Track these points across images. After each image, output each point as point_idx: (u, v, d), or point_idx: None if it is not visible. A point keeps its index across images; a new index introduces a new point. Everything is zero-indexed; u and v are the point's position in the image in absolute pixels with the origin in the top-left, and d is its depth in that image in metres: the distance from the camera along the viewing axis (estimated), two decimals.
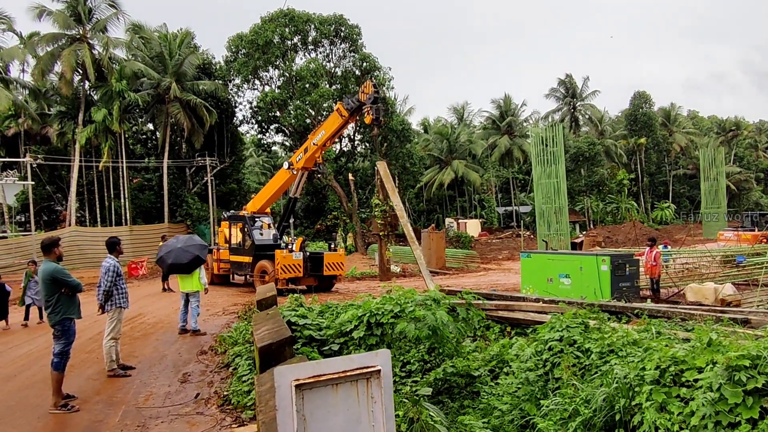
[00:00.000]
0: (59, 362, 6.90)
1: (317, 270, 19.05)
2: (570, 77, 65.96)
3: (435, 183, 55.30)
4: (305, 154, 19.71)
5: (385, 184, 17.76)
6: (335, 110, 19.37)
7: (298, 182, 20.17)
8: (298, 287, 18.08)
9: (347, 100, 18.80)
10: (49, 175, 37.96)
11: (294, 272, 18.33)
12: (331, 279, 19.89)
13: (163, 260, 11.39)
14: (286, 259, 18.17)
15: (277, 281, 17.95)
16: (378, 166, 18.41)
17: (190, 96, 36.90)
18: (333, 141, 20.41)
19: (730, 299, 13.67)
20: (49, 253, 6.98)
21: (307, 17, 40.80)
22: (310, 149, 19.60)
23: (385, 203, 18.35)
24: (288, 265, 18.19)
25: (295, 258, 18.35)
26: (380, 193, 18.21)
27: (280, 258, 18.09)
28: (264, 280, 18.90)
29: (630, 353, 5.77)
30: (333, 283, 20.16)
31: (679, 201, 69.80)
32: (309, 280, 18.91)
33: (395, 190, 18.14)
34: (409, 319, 7.52)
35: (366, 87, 18.09)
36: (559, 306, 9.39)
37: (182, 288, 11.49)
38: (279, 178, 21.05)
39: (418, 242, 19.74)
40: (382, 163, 18.63)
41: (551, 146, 33.97)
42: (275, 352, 5.67)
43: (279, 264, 18.06)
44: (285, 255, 18.20)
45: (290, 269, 18.25)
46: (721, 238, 32.58)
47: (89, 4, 33.73)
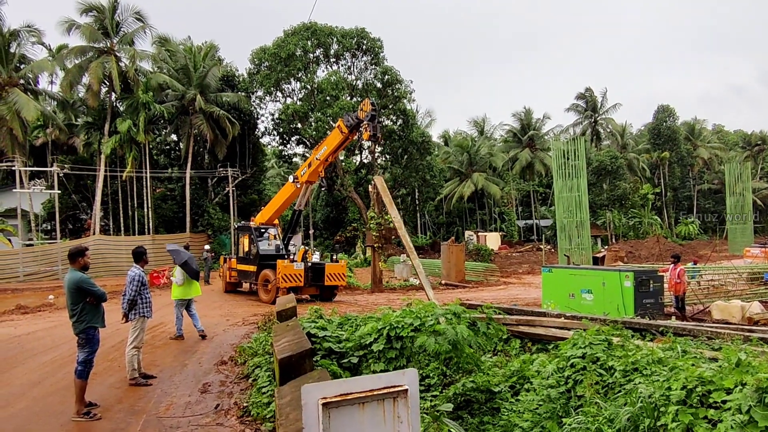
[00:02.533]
0: (83, 370, 6.98)
1: (318, 280, 19.44)
2: (590, 91, 65.61)
3: (455, 195, 55.16)
4: (309, 168, 20.23)
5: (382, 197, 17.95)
6: (336, 126, 19.82)
7: (303, 195, 20.66)
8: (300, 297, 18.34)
9: (347, 117, 19.21)
10: (75, 184, 38.74)
11: (295, 282, 18.70)
12: (332, 289, 20.26)
13: (188, 264, 11.70)
14: (287, 269, 18.59)
15: (278, 290, 18.53)
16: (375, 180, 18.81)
17: (213, 108, 37.46)
18: (335, 156, 21.07)
19: (757, 318, 13.35)
20: (75, 262, 7.09)
21: (329, 30, 41.25)
22: (313, 164, 20.10)
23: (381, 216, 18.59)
24: (289, 274, 18.59)
25: (296, 268, 18.75)
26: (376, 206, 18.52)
27: (281, 267, 18.52)
28: (267, 288, 19.51)
29: (655, 372, 5.66)
30: (334, 294, 20.54)
31: (704, 216, 68.61)
32: (310, 290, 19.43)
33: (392, 203, 18.39)
34: (429, 333, 7.47)
35: (365, 105, 18.45)
36: (582, 322, 9.25)
37: (187, 295, 11.82)
38: (285, 191, 21.68)
39: (437, 255, 19.78)
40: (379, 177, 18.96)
41: (573, 159, 33.70)
42: (295, 364, 5.68)
43: (280, 273, 18.49)
44: (286, 265, 18.64)
45: (291, 279, 18.63)
46: (748, 255, 31.89)
47: (117, 18, 34.56)
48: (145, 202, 37.65)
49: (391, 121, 44.01)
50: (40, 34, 34.74)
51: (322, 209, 51.46)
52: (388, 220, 18.61)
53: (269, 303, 18.92)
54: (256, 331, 12.46)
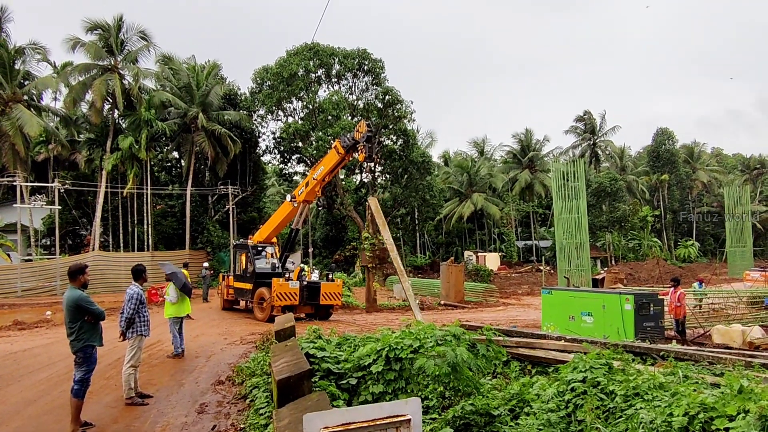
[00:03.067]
0: (79, 389, 6.92)
1: (314, 299, 19.45)
2: (589, 113, 66.08)
3: (455, 215, 55.20)
4: (306, 188, 20.34)
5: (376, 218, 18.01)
6: (333, 147, 19.96)
7: (300, 214, 20.78)
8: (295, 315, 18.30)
9: (343, 138, 19.37)
10: (76, 200, 38.79)
11: (290, 300, 18.71)
12: (327, 308, 20.23)
13: (176, 276, 11.65)
14: (282, 287, 18.61)
15: (272, 308, 18.59)
16: (369, 201, 18.90)
17: (215, 126, 37.67)
18: (332, 176, 21.22)
19: (758, 342, 13.29)
20: (75, 280, 7.07)
21: (331, 51, 41.66)
22: (310, 183, 20.20)
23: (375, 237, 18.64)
24: (284, 293, 18.61)
25: (291, 286, 18.77)
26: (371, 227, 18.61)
27: (276, 286, 18.55)
28: (262, 306, 19.53)
29: (656, 397, 5.62)
30: (330, 313, 20.49)
31: (703, 239, 68.62)
32: (306, 308, 19.41)
33: (386, 225, 18.48)
34: (428, 355, 7.42)
35: (360, 126, 18.59)
36: (582, 345, 9.20)
37: (179, 313, 11.86)
38: (283, 210, 21.78)
39: (436, 275, 19.77)
40: (373, 198, 19.06)
41: (572, 181, 33.80)
42: (294, 385, 5.64)
43: (275, 291, 18.52)
44: (281, 283, 18.67)
45: (286, 297, 18.65)
46: (748, 278, 31.81)
47: (122, 36, 34.93)
48: (145, 218, 37.66)
49: (391, 140, 44.23)
50: (46, 52, 35.09)
51: (322, 228, 51.45)
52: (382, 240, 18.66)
53: (264, 321, 18.95)
54: (254, 350, 12.37)
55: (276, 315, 18.42)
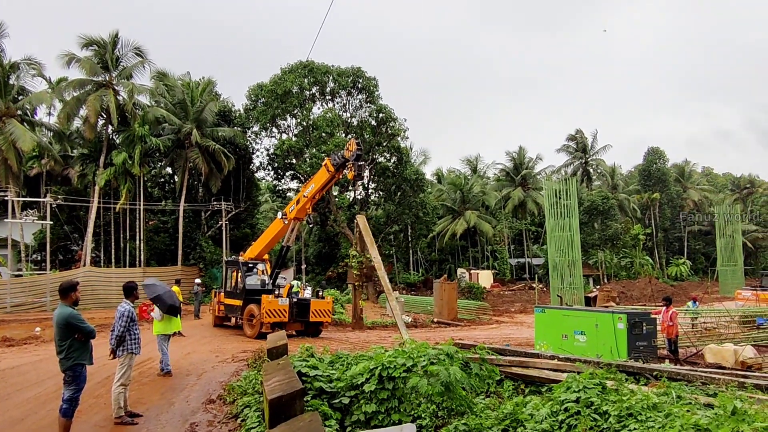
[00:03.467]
0: (68, 408, 6.83)
1: (303, 316, 19.44)
2: (581, 132, 66.66)
3: (448, 233, 55.28)
4: (297, 205, 20.38)
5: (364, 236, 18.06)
6: (323, 165, 20.03)
7: (291, 232, 20.83)
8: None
9: (334, 156, 19.50)
10: (68, 215, 38.57)
11: (279, 317, 18.71)
12: (317, 325, 20.20)
13: (161, 299, 11.20)
14: (272, 304, 18.63)
15: (261, 325, 18.64)
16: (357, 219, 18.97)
17: (209, 142, 37.71)
18: (322, 194, 21.28)
19: (750, 362, 13.31)
20: (66, 297, 7.01)
21: (325, 69, 41.95)
22: (301, 201, 20.25)
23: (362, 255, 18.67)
24: (273, 309, 18.62)
25: (280, 303, 18.80)
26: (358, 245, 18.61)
27: (266, 303, 18.59)
28: (252, 323, 19.50)
29: (650, 418, 5.61)
30: (320, 330, 20.46)
31: (695, 257, 68.95)
32: (295, 325, 19.37)
33: (374, 243, 18.55)
34: (421, 374, 7.39)
35: (350, 145, 18.70)
36: (576, 365, 9.19)
37: (168, 330, 11.71)
38: (274, 228, 21.86)
39: (429, 292, 19.71)
40: (361, 216, 19.14)
41: (564, 199, 33.97)
42: (286, 405, 5.59)
43: (264, 308, 18.54)
44: (270, 300, 18.69)
45: (275, 314, 18.65)
46: (739, 297, 31.92)
47: (117, 52, 35.05)
48: (137, 234, 37.47)
49: (385, 158, 44.38)
50: (41, 67, 35.11)
51: (315, 244, 51.33)
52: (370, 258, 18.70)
53: (253, 338, 18.92)
54: (246, 368, 12.26)
55: (265, 332, 18.38)
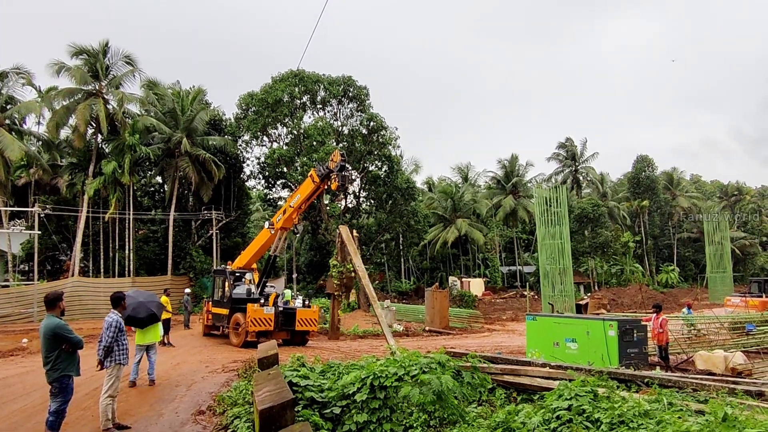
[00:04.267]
0: (54, 421, 6.73)
1: (289, 325, 19.47)
2: (570, 141, 67.11)
3: (439, 241, 55.32)
4: (284, 215, 20.49)
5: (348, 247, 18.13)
6: (309, 176, 20.14)
7: (278, 241, 20.88)
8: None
9: (319, 167, 19.60)
10: (56, 224, 38.23)
11: (264, 326, 18.75)
12: (303, 334, 20.24)
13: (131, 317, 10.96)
14: (257, 313, 18.67)
15: (247, 334, 18.71)
16: (340, 229, 19.05)
17: (199, 151, 37.60)
18: (308, 204, 21.44)
19: (740, 368, 13.36)
20: (53, 308, 6.93)
21: (316, 78, 42.04)
22: (288, 211, 20.38)
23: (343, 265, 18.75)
24: (258, 318, 18.65)
25: (266, 312, 18.82)
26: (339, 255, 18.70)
27: (251, 311, 18.61)
28: (237, 332, 19.57)
29: (642, 425, 5.61)
30: (306, 339, 20.49)
31: (684, 264, 69.41)
32: (281, 334, 19.32)
33: (357, 252, 18.65)
34: (413, 383, 7.35)
35: (335, 156, 18.90)
36: (567, 372, 9.18)
37: (142, 341, 11.43)
38: (261, 237, 21.99)
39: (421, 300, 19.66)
40: (344, 227, 19.25)
41: (555, 207, 34.11)
42: (276, 415, 5.55)
43: (249, 317, 18.57)
44: (256, 309, 18.72)
45: (260, 323, 18.68)
46: (728, 304, 32.15)
47: (107, 61, 34.94)
48: (126, 243, 37.19)
49: (376, 166, 44.44)
50: (30, 76, 34.93)
51: (306, 253, 51.18)
52: (350, 269, 18.80)
53: (239, 346, 18.99)
54: (237, 378, 12.15)
55: (251, 341, 18.66)
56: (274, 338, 18.70)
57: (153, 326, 11.47)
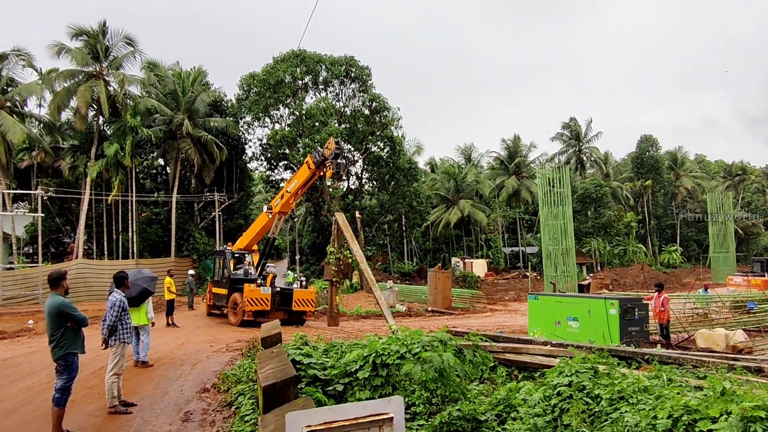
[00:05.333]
0: (60, 398, 6.81)
1: (287, 305, 19.86)
2: (575, 120, 66.61)
3: (442, 222, 55.30)
4: (282, 200, 20.65)
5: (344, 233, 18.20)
6: (305, 162, 20.21)
7: (276, 225, 21.11)
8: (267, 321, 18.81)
9: (315, 154, 19.62)
10: (59, 207, 38.32)
11: (261, 306, 19.14)
12: (300, 314, 20.59)
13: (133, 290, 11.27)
14: (254, 293, 19.05)
15: (244, 313, 19.15)
16: (336, 216, 19.09)
17: (201, 132, 37.49)
18: (305, 190, 21.72)
19: (741, 346, 13.43)
20: (57, 287, 6.98)
21: (318, 58, 41.71)
22: (285, 196, 20.55)
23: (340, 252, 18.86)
24: (255, 298, 19.04)
25: (263, 292, 19.18)
26: (336, 242, 18.82)
27: (248, 291, 19.01)
28: (235, 311, 19.99)
29: (641, 400, 5.65)
30: (304, 319, 20.87)
31: (687, 244, 69.31)
32: (278, 314, 19.57)
33: (354, 238, 18.73)
34: (415, 361, 7.42)
35: (329, 143, 18.90)
36: (568, 350, 9.24)
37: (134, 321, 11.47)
38: (260, 221, 22.24)
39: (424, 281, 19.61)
40: (340, 214, 19.32)
41: (558, 187, 34.06)
42: (279, 392, 5.61)
43: (246, 297, 18.96)
44: (252, 289, 19.11)
45: (257, 302, 19.07)
46: (731, 283, 32.20)
47: (107, 42, 34.69)
48: (130, 226, 37.29)
49: (378, 147, 44.29)
50: (31, 58, 34.70)
51: (309, 235, 51.26)
52: (347, 255, 18.98)
53: (236, 325, 19.46)
54: (241, 357, 12.27)
55: (248, 320, 19.16)
56: (271, 318, 19.10)
57: (141, 308, 11.32)
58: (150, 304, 11.72)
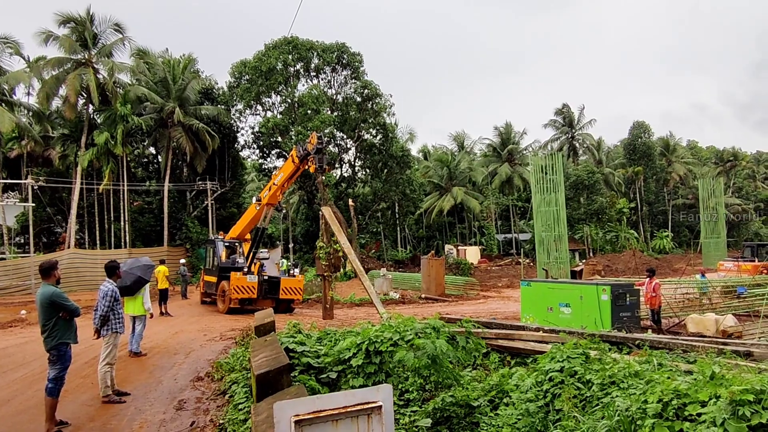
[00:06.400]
0: (53, 388, 6.80)
1: (274, 293, 20.08)
2: (567, 107, 66.64)
3: (435, 209, 55.36)
4: (269, 192, 20.73)
5: (331, 226, 18.25)
6: (290, 155, 20.23)
7: (264, 216, 21.30)
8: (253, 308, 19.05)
9: (299, 147, 19.59)
10: (50, 197, 38.05)
11: (247, 293, 19.40)
12: (288, 302, 20.79)
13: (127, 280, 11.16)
14: (240, 281, 19.27)
15: (230, 301, 19.38)
16: (323, 210, 19.16)
17: (192, 121, 37.21)
18: (291, 183, 21.84)
19: (731, 331, 13.57)
20: (49, 277, 6.94)
21: (310, 45, 41.40)
22: (272, 188, 20.61)
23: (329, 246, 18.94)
24: (241, 286, 19.27)
25: (249, 280, 19.38)
26: (324, 237, 18.87)
27: (234, 279, 19.26)
28: (224, 299, 20.24)
29: (632, 385, 5.70)
30: (292, 308, 21.10)
31: (679, 230, 69.77)
32: (265, 302, 19.67)
33: (341, 230, 18.76)
34: (408, 348, 7.45)
35: (312, 138, 18.91)
36: (560, 336, 9.31)
37: (127, 311, 11.35)
38: (250, 212, 22.39)
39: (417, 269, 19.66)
40: (326, 208, 19.38)
41: (551, 174, 34.08)
42: (273, 380, 5.62)
43: (232, 285, 19.21)
44: (239, 277, 19.32)
45: (243, 290, 19.32)
46: (722, 269, 32.45)
47: (95, 29, 34.24)
48: (122, 215, 37.10)
49: (371, 135, 44.14)
50: (18, 46, 34.26)
51: (302, 223, 51.21)
52: (337, 248, 19.03)
53: (224, 313, 19.75)
54: (234, 346, 12.29)
55: (234, 307, 19.39)
56: (258, 306, 19.27)
57: (137, 298, 11.29)
58: (147, 294, 11.63)
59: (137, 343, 11.59)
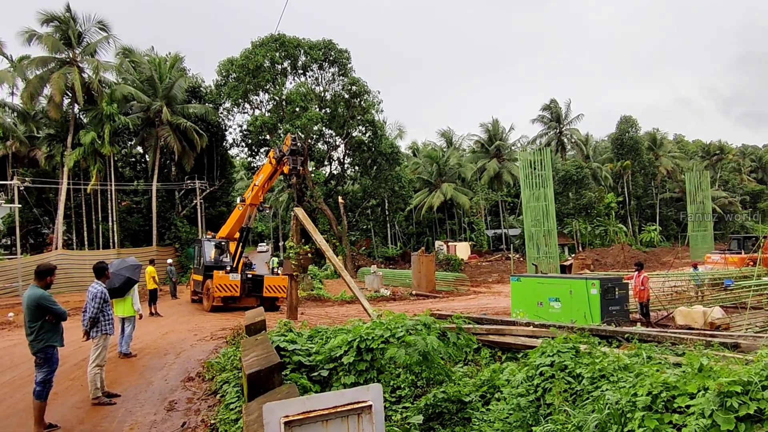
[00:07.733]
0: (41, 391, 6.74)
1: (257, 291, 20.18)
2: (555, 102, 66.91)
3: (425, 206, 55.45)
4: (252, 192, 20.90)
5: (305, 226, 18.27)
6: (268, 157, 20.38)
7: (248, 216, 21.43)
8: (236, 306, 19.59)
9: (276, 149, 19.68)
10: (37, 197, 37.66)
11: (230, 292, 19.51)
12: (272, 301, 20.83)
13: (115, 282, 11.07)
14: (222, 279, 19.38)
15: (213, 299, 19.50)
16: (296, 211, 19.12)
17: (180, 119, 36.95)
18: (271, 183, 21.96)
19: (719, 322, 13.71)
20: (42, 280, 6.87)
21: (296, 42, 41.23)
22: (254, 189, 20.79)
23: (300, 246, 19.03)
24: (224, 284, 19.37)
25: (231, 279, 19.48)
26: (294, 237, 18.91)
27: (217, 278, 19.36)
28: (208, 296, 20.36)
29: (621, 378, 5.74)
30: (277, 306, 21.12)
31: (666, 224, 70.36)
32: (249, 300, 19.86)
33: (316, 229, 18.84)
34: (399, 345, 7.45)
35: (287, 139, 19.03)
36: (550, 330, 9.35)
37: (116, 313, 11.30)
38: (236, 213, 22.59)
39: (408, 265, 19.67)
40: (299, 209, 19.34)
41: (539, 169, 34.22)
42: (264, 379, 5.60)
43: (215, 283, 19.32)
44: (221, 275, 19.43)
45: (226, 288, 19.42)
46: (709, 261, 32.77)
47: (79, 27, 33.85)
48: (110, 215, 36.80)
49: (359, 132, 44.08)
50: (1, 45, 33.83)
51: (292, 220, 51.05)
52: (306, 249, 19.21)
53: (207, 311, 19.90)
54: (225, 345, 12.24)
55: (217, 305, 19.52)
56: (242, 304, 19.43)
57: (126, 299, 11.18)
58: (136, 295, 11.51)
59: (127, 344, 11.49)
